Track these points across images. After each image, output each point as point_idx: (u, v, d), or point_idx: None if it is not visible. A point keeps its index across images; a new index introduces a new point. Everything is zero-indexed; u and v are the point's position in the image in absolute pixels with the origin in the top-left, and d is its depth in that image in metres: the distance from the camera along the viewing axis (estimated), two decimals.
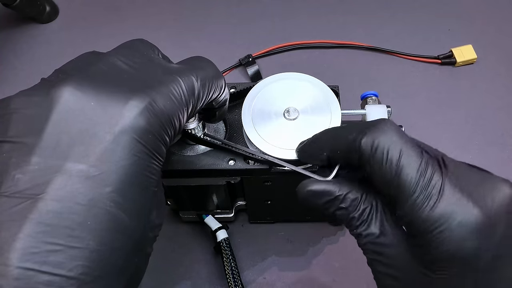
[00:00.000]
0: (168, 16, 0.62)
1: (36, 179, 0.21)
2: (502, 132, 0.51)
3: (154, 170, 0.24)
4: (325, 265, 0.45)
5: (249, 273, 0.45)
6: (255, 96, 0.36)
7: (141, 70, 0.25)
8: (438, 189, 0.22)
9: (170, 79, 0.25)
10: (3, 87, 0.56)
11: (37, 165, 0.21)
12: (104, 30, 0.60)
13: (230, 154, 0.36)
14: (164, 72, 0.26)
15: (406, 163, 0.23)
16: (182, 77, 0.26)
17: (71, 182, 0.21)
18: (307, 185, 0.27)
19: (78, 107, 0.22)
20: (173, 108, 0.25)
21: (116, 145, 0.22)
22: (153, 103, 0.23)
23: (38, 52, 0.59)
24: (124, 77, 0.24)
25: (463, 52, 0.55)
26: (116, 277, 0.22)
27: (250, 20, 0.61)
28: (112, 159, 0.22)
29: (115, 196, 0.21)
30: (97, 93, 0.23)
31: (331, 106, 0.36)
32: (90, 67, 0.24)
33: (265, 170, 0.35)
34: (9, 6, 0.57)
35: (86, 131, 0.22)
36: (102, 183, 0.21)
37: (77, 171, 0.21)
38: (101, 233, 0.21)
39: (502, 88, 0.55)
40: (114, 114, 0.22)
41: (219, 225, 0.43)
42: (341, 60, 0.57)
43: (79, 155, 0.21)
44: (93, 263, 0.21)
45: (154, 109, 0.23)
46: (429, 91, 0.54)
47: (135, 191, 0.23)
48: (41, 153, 0.21)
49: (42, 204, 0.20)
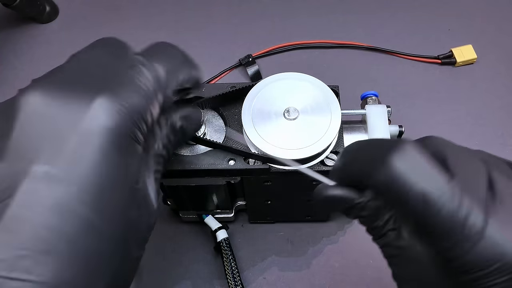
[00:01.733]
0: (168, 16, 0.62)
1: (1, 184, 0.20)
2: (502, 132, 0.51)
3: (127, 167, 0.23)
4: (325, 265, 0.45)
5: (249, 273, 0.45)
6: (255, 96, 0.37)
7: (107, 67, 0.25)
8: (479, 227, 0.19)
9: (135, 71, 0.25)
10: (3, 87, 0.56)
11: (3, 169, 0.21)
12: (104, 30, 0.60)
13: (230, 154, 0.36)
14: (129, 66, 0.25)
15: (433, 201, 0.20)
16: (146, 67, 0.25)
17: (37, 186, 0.20)
18: (322, 191, 0.25)
19: (43, 110, 0.22)
20: (141, 100, 0.24)
21: (82, 145, 0.21)
22: (119, 99, 0.23)
23: (38, 52, 0.59)
24: (90, 77, 0.24)
25: (463, 52, 0.55)
26: (92, 282, 0.21)
27: (250, 20, 0.61)
28: (79, 159, 0.21)
29: (83, 197, 0.21)
30: (62, 95, 0.22)
31: (331, 106, 0.36)
32: (56, 71, 0.24)
33: (265, 170, 0.35)
34: (9, 6, 0.57)
35: (52, 133, 0.21)
36: (69, 184, 0.21)
37: (43, 174, 0.21)
38: (71, 236, 0.20)
39: (502, 87, 0.55)
40: (79, 114, 0.22)
41: (219, 225, 0.43)
42: (341, 60, 0.57)
43: (44, 157, 0.21)
44: (64, 267, 0.20)
45: (121, 105, 0.23)
46: (429, 91, 0.54)
47: (105, 190, 0.22)
48: (6, 158, 0.21)
49: (8, 210, 0.20)
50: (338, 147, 0.36)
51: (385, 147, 0.22)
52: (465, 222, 0.19)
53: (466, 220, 0.19)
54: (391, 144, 0.22)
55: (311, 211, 0.45)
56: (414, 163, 0.20)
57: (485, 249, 0.19)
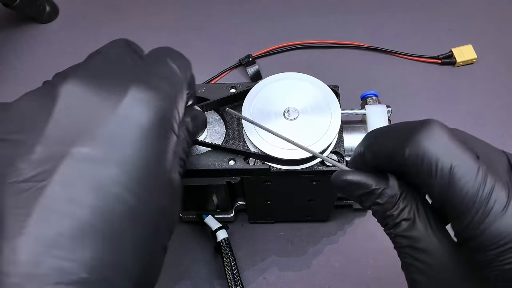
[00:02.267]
0: (168, 16, 0.62)
1: (41, 166, 0.20)
2: (502, 132, 0.51)
3: (163, 153, 0.24)
4: (325, 265, 0.45)
5: (249, 273, 0.45)
6: (255, 96, 0.37)
7: (133, 61, 0.26)
8: (502, 203, 0.20)
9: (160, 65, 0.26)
10: (3, 87, 0.56)
11: (41, 153, 0.21)
12: (104, 30, 0.60)
13: (230, 154, 0.36)
14: (152, 61, 0.26)
15: (459, 175, 0.20)
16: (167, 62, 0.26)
17: (77, 166, 0.21)
18: (342, 175, 0.25)
19: (81, 97, 0.22)
20: (172, 91, 0.25)
21: (121, 128, 0.22)
22: (152, 87, 0.24)
23: (38, 52, 0.59)
24: (120, 68, 0.25)
25: (463, 52, 0.55)
26: (129, 263, 0.21)
27: (250, 20, 0.61)
28: (118, 142, 0.22)
29: (122, 178, 0.21)
30: (98, 83, 0.23)
31: (331, 106, 0.36)
32: (86, 64, 0.25)
33: (265, 170, 0.35)
34: (9, 6, 0.57)
35: (91, 118, 0.22)
36: (108, 165, 0.21)
37: (83, 155, 0.21)
38: (110, 216, 0.21)
39: (502, 87, 0.55)
40: (117, 100, 0.22)
41: (219, 225, 0.43)
42: (341, 60, 0.57)
43: (83, 140, 0.21)
44: (103, 247, 0.20)
45: (155, 93, 0.24)
46: (429, 91, 0.54)
47: (143, 174, 0.22)
48: (45, 142, 0.21)
49: (48, 190, 0.20)
50: (338, 147, 0.36)
51: (411, 127, 0.23)
52: (489, 197, 0.20)
53: (490, 195, 0.20)
54: (417, 124, 0.23)
55: (311, 211, 0.45)
56: (441, 140, 0.21)
57: (506, 225, 0.19)
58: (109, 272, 0.20)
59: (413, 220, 0.23)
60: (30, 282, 0.18)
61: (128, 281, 0.21)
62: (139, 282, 0.22)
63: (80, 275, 0.19)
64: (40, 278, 0.18)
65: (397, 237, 0.24)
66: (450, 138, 0.22)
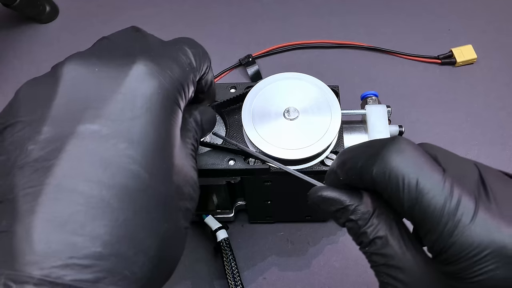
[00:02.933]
0: (168, 16, 0.62)
1: (49, 146, 0.20)
2: (502, 132, 0.51)
3: (169, 127, 0.23)
4: (325, 265, 0.45)
5: (249, 273, 0.45)
6: (255, 96, 0.37)
7: (141, 43, 0.26)
8: (469, 214, 0.20)
9: (170, 45, 0.26)
10: (3, 87, 0.56)
11: (48, 133, 0.21)
12: (104, 30, 0.60)
13: (230, 154, 0.36)
14: (162, 44, 0.27)
15: (426, 189, 0.20)
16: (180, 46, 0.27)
17: (84, 144, 0.21)
18: (318, 191, 0.26)
19: (85, 74, 0.22)
20: (179, 70, 0.25)
21: (127, 103, 0.22)
22: (160, 64, 0.24)
23: (38, 52, 0.59)
24: (127, 48, 0.25)
25: (463, 52, 0.55)
26: (144, 239, 0.21)
27: (250, 20, 0.61)
28: (124, 117, 0.21)
29: (131, 153, 0.21)
30: (101, 61, 0.23)
31: (331, 106, 0.36)
32: (92, 47, 0.25)
33: (265, 170, 0.35)
34: (9, 6, 0.57)
35: (96, 95, 0.22)
36: (116, 140, 0.21)
37: (90, 132, 0.21)
38: (121, 191, 0.20)
39: (502, 88, 0.55)
40: (122, 76, 0.22)
41: (219, 225, 0.43)
42: (341, 60, 0.57)
43: (90, 117, 0.21)
44: (117, 222, 0.20)
45: (162, 69, 0.24)
46: (429, 91, 0.54)
47: (152, 147, 0.22)
48: (51, 122, 0.21)
49: (57, 168, 0.20)
50: (338, 147, 0.36)
51: (380, 144, 0.23)
52: (457, 209, 0.20)
53: (457, 207, 0.20)
54: (385, 141, 0.23)
55: (311, 211, 0.45)
56: (407, 156, 0.21)
57: (475, 236, 0.19)
58: (123, 247, 0.20)
59: (386, 238, 0.23)
60: (44, 259, 0.18)
61: (144, 256, 0.21)
62: (157, 259, 0.22)
63: (93, 249, 0.19)
64: (54, 254, 0.19)
65: (372, 255, 0.24)
66: (416, 154, 0.22)
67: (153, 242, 0.22)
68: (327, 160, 0.36)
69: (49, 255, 0.18)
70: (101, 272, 0.19)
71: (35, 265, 0.18)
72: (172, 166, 0.23)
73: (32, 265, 0.18)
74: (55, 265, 0.18)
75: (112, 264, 0.20)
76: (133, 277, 0.20)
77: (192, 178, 0.26)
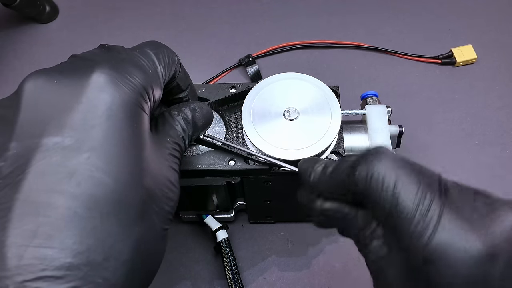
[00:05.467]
0: (168, 16, 0.62)
1: (17, 161, 0.21)
2: (502, 132, 0.51)
3: (134, 132, 0.24)
4: (325, 265, 0.45)
5: (249, 273, 0.45)
6: (255, 96, 0.37)
7: (104, 55, 0.26)
8: (436, 218, 0.21)
9: (131, 53, 0.26)
10: (3, 87, 0.56)
11: (15, 149, 0.21)
12: (104, 30, 0.60)
13: (230, 154, 0.36)
14: (125, 51, 0.27)
15: (402, 191, 0.22)
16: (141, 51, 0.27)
17: (49, 156, 0.21)
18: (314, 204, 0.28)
19: (45, 88, 0.23)
20: (141, 74, 0.25)
21: (88, 113, 0.22)
22: (119, 70, 0.24)
23: (38, 52, 0.59)
24: (89, 60, 0.25)
25: (463, 52, 0.55)
26: (114, 248, 0.21)
27: (250, 20, 0.61)
28: (86, 125, 0.22)
29: (94, 160, 0.21)
30: (62, 74, 0.23)
31: (331, 106, 0.36)
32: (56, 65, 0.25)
33: (265, 170, 0.35)
34: (9, 6, 0.57)
35: (57, 107, 0.22)
36: (79, 150, 0.21)
37: (53, 144, 0.21)
38: (87, 199, 0.21)
39: (502, 88, 0.55)
40: (82, 85, 0.23)
41: (219, 225, 0.43)
42: (341, 60, 0.57)
43: (53, 129, 0.22)
44: (86, 232, 0.20)
45: (122, 75, 0.24)
46: (429, 91, 0.54)
47: (114, 153, 0.22)
48: (17, 137, 0.22)
49: (25, 183, 0.20)
50: (338, 147, 0.36)
51: (362, 154, 0.25)
52: (427, 212, 0.22)
53: (428, 210, 0.22)
54: (367, 151, 0.25)
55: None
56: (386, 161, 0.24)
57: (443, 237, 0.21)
58: (93, 254, 0.20)
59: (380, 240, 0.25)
60: (17, 273, 0.19)
61: (115, 261, 0.21)
62: (131, 263, 0.22)
63: (63, 260, 0.19)
64: (26, 268, 0.19)
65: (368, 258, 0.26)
66: (396, 160, 0.24)
67: (125, 246, 0.22)
68: None
69: (22, 269, 0.19)
70: (74, 282, 0.20)
71: (9, 280, 0.19)
72: (141, 170, 0.24)
73: (6, 280, 0.19)
74: (28, 279, 0.19)
75: (83, 273, 0.20)
76: (107, 283, 0.21)
77: (167, 179, 0.27)
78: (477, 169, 0.49)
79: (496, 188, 0.50)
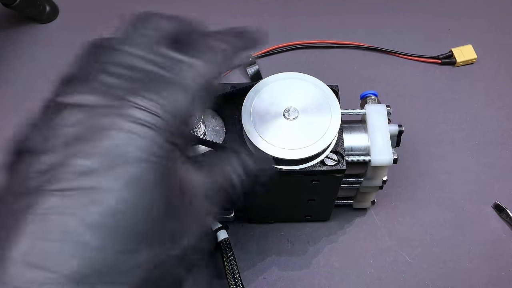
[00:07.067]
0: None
1: (44, 176, 0.21)
2: (502, 132, 0.51)
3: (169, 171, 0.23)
4: (325, 265, 0.45)
5: (249, 273, 0.45)
6: (255, 96, 0.36)
7: (147, 60, 0.26)
8: None
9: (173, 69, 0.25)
10: (3, 87, 0.56)
11: (45, 164, 0.21)
12: (104, 30, 0.60)
13: None
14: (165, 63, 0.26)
15: None
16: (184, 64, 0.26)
17: (72, 178, 0.21)
18: None
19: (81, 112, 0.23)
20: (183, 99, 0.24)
21: (120, 143, 0.22)
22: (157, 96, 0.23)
23: (38, 52, 0.59)
24: (129, 74, 0.24)
25: (463, 52, 0.55)
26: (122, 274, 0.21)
27: (250, 20, 0.61)
28: (116, 157, 0.22)
29: (118, 193, 0.21)
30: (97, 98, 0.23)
31: (331, 106, 0.36)
32: (88, 75, 0.24)
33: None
34: (9, 6, 0.57)
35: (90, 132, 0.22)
36: (104, 178, 0.21)
37: (80, 168, 0.21)
38: (102, 230, 0.21)
39: (502, 87, 0.55)
40: (112, 114, 0.22)
41: (219, 225, 0.43)
42: (341, 60, 0.57)
43: (82, 153, 0.22)
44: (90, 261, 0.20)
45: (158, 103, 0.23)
46: (429, 91, 0.54)
47: (143, 191, 0.22)
48: (47, 154, 0.22)
49: (46, 199, 0.20)
50: (338, 147, 0.36)
51: None
52: None
53: None
54: None
55: (311, 211, 0.45)
56: None
57: None
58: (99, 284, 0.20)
59: None
60: None
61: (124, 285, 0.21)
62: None
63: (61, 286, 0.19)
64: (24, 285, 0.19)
65: None
66: None
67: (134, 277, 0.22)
68: (327, 159, 0.36)
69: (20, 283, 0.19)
70: None
71: None
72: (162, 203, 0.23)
73: None
74: None
75: None
76: None
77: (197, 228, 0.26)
78: (477, 169, 0.49)
79: (496, 188, 0.50)
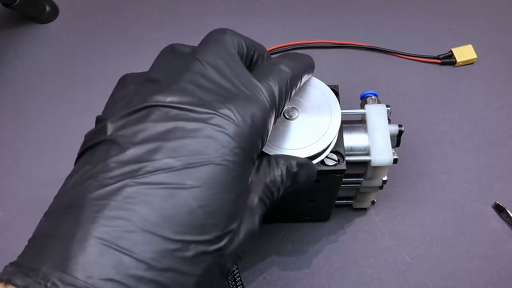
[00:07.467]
0: (168, 16, 0.62)
1: (127, 167, 0.22)
2: (502, 132, 0.51)
3: (240, 175, 0.24)
4: (325, 265, 0.45)
5: (249, 273, 0.45)
6: None
7: (227, 76, 0.26)
8: None
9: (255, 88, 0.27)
10: (3, 87, 0.56)
11: (131, 156, 0.22)
12: (104, 30, 0.60)
13: None
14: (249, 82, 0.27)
15: None
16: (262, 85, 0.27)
17: (156, 172, 0.22)
18: None
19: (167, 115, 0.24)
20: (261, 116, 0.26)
21: (203, 146, 0.23)
22: (243, 111, 0.25)
23: (38, 52, 0.59)
24: (212, 87, 0.26)
25: (463, 52, 0.55)
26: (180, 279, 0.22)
27: (250, 20, 0.61)
28: (197, 158, 0.23)
29: (195, 191, 0.22)
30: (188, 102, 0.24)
31: (331, 106, 0.36)
32: (178, 81, 0.25)
33: None
34: (9, 6, 0.57)
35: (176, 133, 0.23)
36: (185, 176, 0.22)
37: (164, 164, 0.22)
38: (178, 223, 0.22)
39: (502, 88, 0.55)
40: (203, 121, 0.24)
41: None
42: (341, 60, 0.57)
43: (167, 150, 0.23)
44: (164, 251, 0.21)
45: (243, 119, 0.24)
46: (429, 91, 0.54)
47: (217, 191, 0.23)
48: (137, 146, 0.23)
49: (126, 189, 0.21)
50: (338, 147, 0.36)
51: None
52: None
53: None
54: None
55: (311, 211, 0.45)
56: None
57: None
58: (163, 276, 0.21)
59: None
60: (92, 268, 0.20)
61: None
62: None
63: (136, 271, 0.20)
64: (102, 266, 0.20)
65: None
66: None
67: (188, 281, 0.22)
68: (327, 160, 0.36)
69: (98, 265, 0.20)
70: None
71: (83, 272, 0.19)
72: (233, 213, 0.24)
73: (81, 272, 0.19)
74: (100, 277, 0.19)
75: None
76: None
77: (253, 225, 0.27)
78: (477, 169, 0.49)
79: (496, 188, 0.50)
